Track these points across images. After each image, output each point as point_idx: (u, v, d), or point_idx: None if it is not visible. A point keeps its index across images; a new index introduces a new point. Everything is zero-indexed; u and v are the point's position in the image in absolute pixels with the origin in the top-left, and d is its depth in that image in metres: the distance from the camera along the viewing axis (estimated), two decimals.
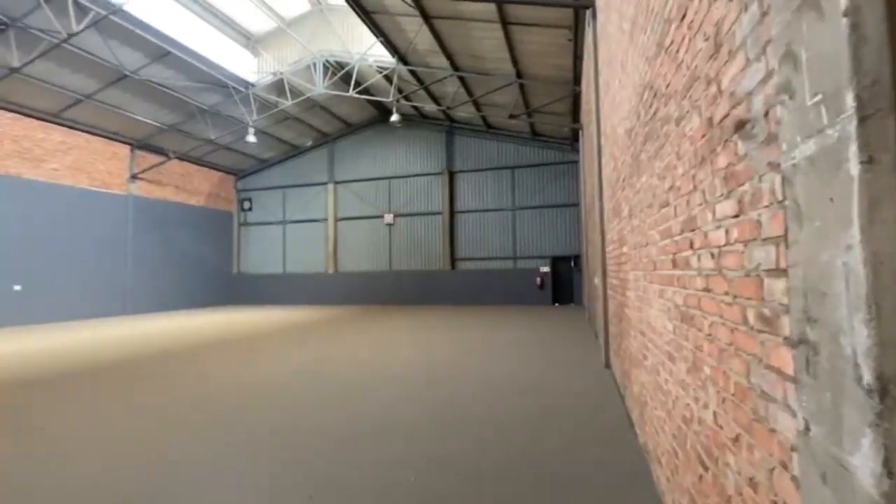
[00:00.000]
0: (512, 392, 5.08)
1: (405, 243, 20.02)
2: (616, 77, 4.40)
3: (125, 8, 11.12)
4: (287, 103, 16.30)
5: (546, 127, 17.02)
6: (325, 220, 21.20)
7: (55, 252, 14.41)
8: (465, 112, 15.79)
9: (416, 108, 18.52)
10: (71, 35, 10.13)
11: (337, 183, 21.21)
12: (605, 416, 4.21)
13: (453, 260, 19.24)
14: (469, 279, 18.87)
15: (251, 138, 16.48)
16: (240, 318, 14.75)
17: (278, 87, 16.49)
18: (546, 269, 17.93)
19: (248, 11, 15.24)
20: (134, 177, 17.16)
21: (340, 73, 15.68)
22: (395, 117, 15.09)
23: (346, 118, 20.12)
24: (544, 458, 3.27)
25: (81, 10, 10.77)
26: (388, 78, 15.85)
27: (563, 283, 17.95)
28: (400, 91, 16.70)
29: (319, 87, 15.32)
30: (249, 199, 22.33)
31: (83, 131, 15.39)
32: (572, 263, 17.72)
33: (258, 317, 14.93)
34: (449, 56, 12.90)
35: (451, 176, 19.53)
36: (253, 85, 16.21)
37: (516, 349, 7.88)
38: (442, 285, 19.17)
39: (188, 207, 19.65)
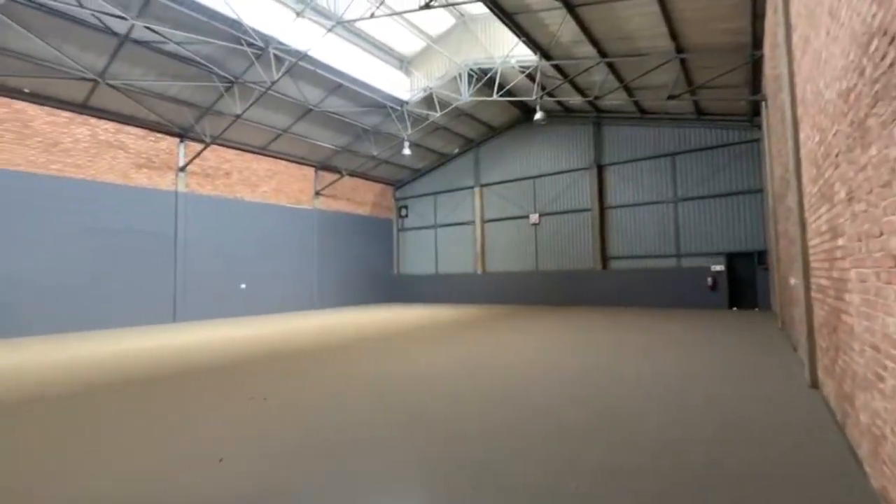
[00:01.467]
0: (685, 408, 4.52)
1: (552, 243, 19.55)
2: (821, 29, 3.57)
3: (309, 53, 13.31)
4: (436, 115, 17.46)
5: (715, 104, 14.76)
6: (473, 222, 22.02)
7: (265, 257, 18.02)
8: (615, 99, 14.68)
9: (560, 103, 17.95)
10: (273, 83, 12.56)
11: (482, 186, 21.86)
12: (815, 447, 3.44)
13: (605, 259, 18.06)
14: (623, 279, 17.47)
15: (406, 151, 18.09)
16: (403, 314, 16.28)
17: (428, 101, 17.78)
18: (719, 267, 15.52)
19: (401, 36, 16.78)
20: (317, 193, 20.44)
21: (484, 79, 16.12)
22: (538, 115, 14.86)
23: (489, 122, 20.59)
24: (739, 492, 2.82)
25: (279, 61, 13.28)
26: (531, 76, 15.72)
27: (743, 283, 15.30)
28: (543, 88, 16.40)
29: (465, 95, 16.01)
30: (405, 207, 24.56)
31: (282, 159, 18.94)
32: (756, 260, 14.98)
33: (419, 313, 16.27)
34: (595, 43, 12.17)
35: (600, 170, 18.38)
36: (406, 102, 17.80)
37: (686, 358, 6.99)
38: (592, 286, 18.16)
39: (357, 217, 22.55)
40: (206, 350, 8.85)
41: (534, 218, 19.94)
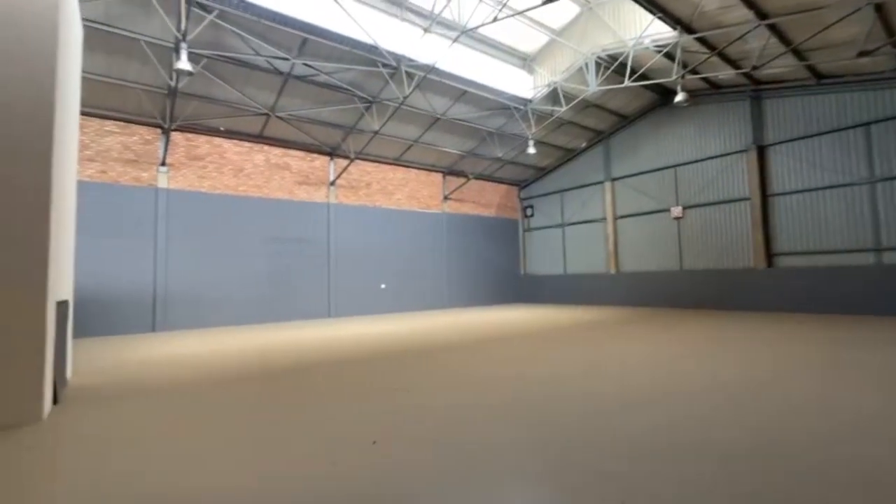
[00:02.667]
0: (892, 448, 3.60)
1: (699, 238, 17.37)
2: None
3: (436, 66, 14.05)
4: (561, 110, 16.92)
5: None
6: (603, 219, 20.74)
7: (401, 259, 19.52)
8: (780, 66, 12.42)
9: (706, 79, 15.87)
10: (405, 98, 13.58)
11: (614, 180, 20.45)
12: None
13: (769, 255, 15.38)
14: (794, 279, 14.65)
15: (531, 150, 17.87)
16: (532, 314, 16.13)
17: (553, 96, 17.32)
18: None
19: (522, 34, 16.66)
20: (445, 198, 21.44)
21: (613, 65, 15.11)
22: (679, 96, 13.36)
23: (620, 111, 19.20)
24: None
25: (410, 77, 14.28)
26: (669, 55, 14.22)
27: None
28: (684, 66, 14.69)
29: (592, 85, 15.20)
30: (531, 206, 24.25)
31: (413, 168, 20.33)
32: None
33: (547, 314, 15.94)
34: (751, 4, 10.51)
35: (761, 151, 15.73)
36: (530, 101, 17.60)
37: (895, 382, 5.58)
38: (752, 286, 15.61)
39: (484, 218, 23.02)
40: (357, 342, 9.94)
41: (676, 211, 17.97)
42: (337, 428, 4.15)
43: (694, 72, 14.85)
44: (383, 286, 18.77)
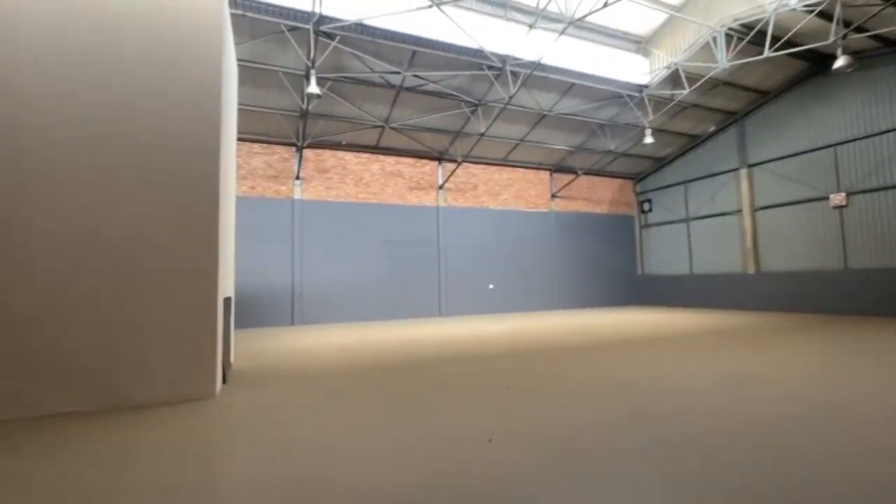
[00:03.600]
0: None
1: (870, 230, 14.33)
2: None
3: (542, 61, 13.74)
4: (683, 93, 15.32)
5: None
6: (738, 211, 18.26)
7: (509, 260, 19.46)
8: None
9: (877, 37, 13.05)
10: (510, 97, 13.53)
11: (751, 166, 17.88)
12: None
13: None
14: None
15: (648, 139, 16.48)
16: (653, 318, 14.87)
17: (673, 79, 15.78)
18: None
19: (636, 15, 15.44)
20: (553, 196, 20.84)
21: (749, 35, 13.23)
22: (840, 61, 11.19)
23: (757, 87, 16.73)
24: None
25: (515, 76, 14.18)
26: (825, 13, 12.01)
27: None
28: (846, 24, 12.28)
29: (722, 61, 13.49)
30: (649, 201, 22.35)
31: (519, 167, 20.14)
32: None
33: (671, 318, 14.56)
34: None
35: None
36: (646, 86, 16.24)
37: None
38: None
39: (595, 216, 21.87)
40: (468, 341, 10.17)
41: (837, 199, 15.06)
42: (456, 424, 4.31)
43: (860, 29, 12.32)
44: (491, 286, 18.92)
